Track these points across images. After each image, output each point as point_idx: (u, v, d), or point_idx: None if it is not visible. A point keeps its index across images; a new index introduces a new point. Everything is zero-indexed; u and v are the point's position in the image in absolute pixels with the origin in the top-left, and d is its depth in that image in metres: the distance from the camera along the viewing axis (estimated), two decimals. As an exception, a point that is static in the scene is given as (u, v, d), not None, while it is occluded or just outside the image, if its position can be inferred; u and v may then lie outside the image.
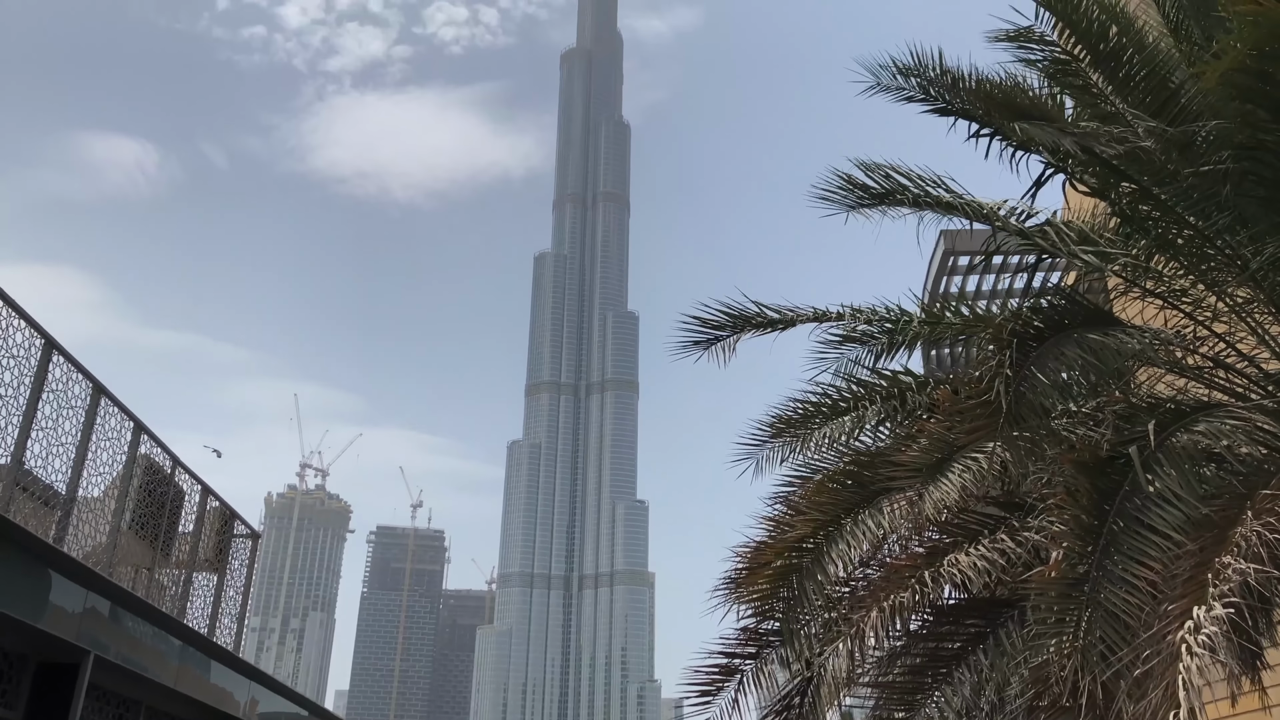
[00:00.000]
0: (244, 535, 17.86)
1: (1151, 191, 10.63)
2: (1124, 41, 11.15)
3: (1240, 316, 10.89)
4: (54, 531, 11.68)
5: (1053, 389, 8.72)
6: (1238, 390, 10.71)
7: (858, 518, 10.40)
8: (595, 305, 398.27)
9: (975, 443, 9.42)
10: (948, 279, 46.91)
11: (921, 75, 11.55)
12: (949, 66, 11.49)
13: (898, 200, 11.36)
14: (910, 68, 11.55)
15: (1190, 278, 11.20)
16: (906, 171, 11.39)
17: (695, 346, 13.11)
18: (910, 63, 11.52)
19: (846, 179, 11.44)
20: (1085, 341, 8.93)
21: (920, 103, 11.66)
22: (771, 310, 13.02)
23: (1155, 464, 8.38)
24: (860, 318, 12.95)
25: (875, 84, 11.79)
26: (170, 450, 14.87)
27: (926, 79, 11.54)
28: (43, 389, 11.38)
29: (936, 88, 11.53)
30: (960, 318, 12.62)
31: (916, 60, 11.53)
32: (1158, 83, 11.00)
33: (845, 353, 13.46)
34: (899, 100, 11.78)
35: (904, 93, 11.60)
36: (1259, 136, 9.09)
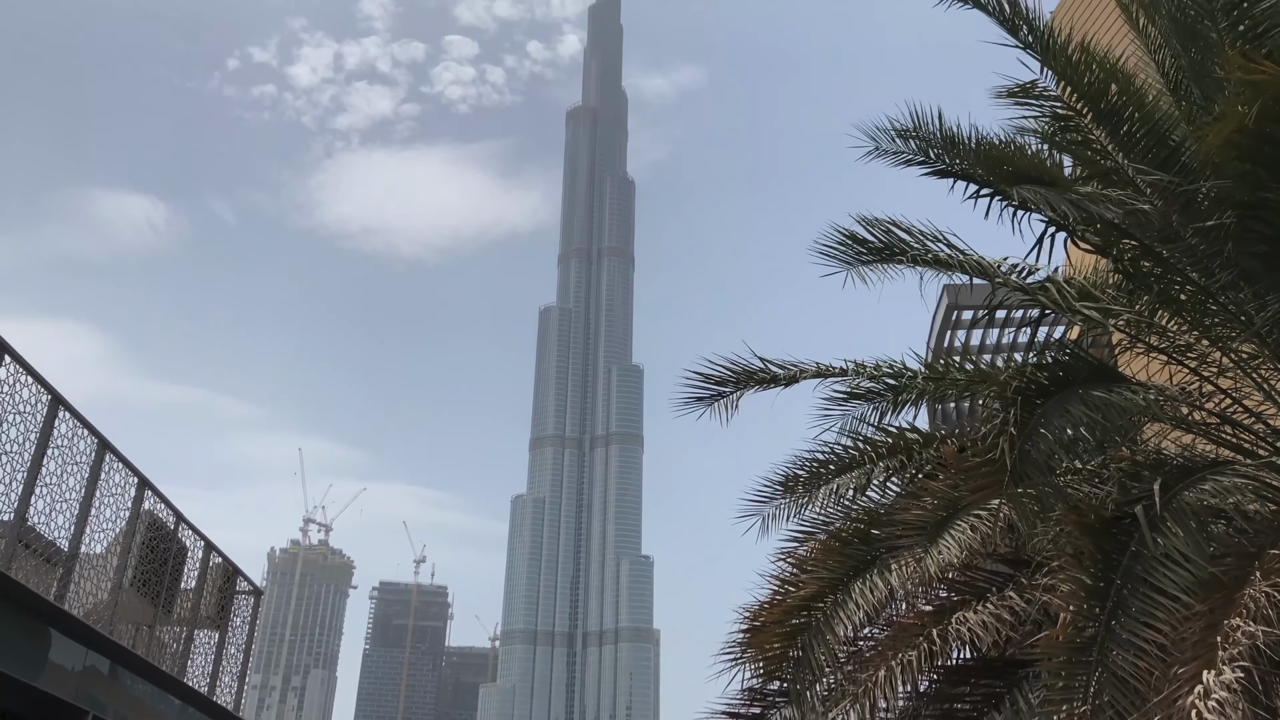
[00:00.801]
0: (246, 592, 17.73)
1: (1153, 249, 10.69)
2: (1124, 100, 11.29)
3: (1246, 372, 10.88)
4: (55, 589, 11.62)
5: (1058, 446, 8.69)
6: (1245, 446, 10.66)
7: (865, 577, 10.30)
8: (600, 359, 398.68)
9: (980, 500, 9.37)
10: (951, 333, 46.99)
11: (920, 137, 11.69)
12: (948, 127, 11.64)
13: (898, 257, 11.42)
14: (909, 130, 11.69)
15: (1194, 333, 11.22)
16: (908, 227, 11.47)
17: (698, 403, 13.11)
18: (909, 125, 11.67)
19: (847, 235, 11.52)
20: (1090, 398, 8.91)
21: (919, 165, 11.79)
22: (775, 366, 13.03)
23: (1161, 523, 8.31)
24: (864, 373, 12.95)
25: (875, 148, 11.95)
26: (174, 506, 14.84)
27: (925, 141, 11.68)
28: (48, 445, 11.40)
29: (936, 149, 11.67)
30: (964, 374, 12.61)
31: (916, 122, 11.68)
32: (1158, 140, 11.12)
33: (850, 409, 13.45)
34: (898, 164, 11.92)
35: (903, 156, 11.74)
36: (1260, 195, 9.16)
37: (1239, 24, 10.70)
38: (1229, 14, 10.72)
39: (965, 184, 11.46)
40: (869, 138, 11.93)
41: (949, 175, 11.60)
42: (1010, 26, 11.60)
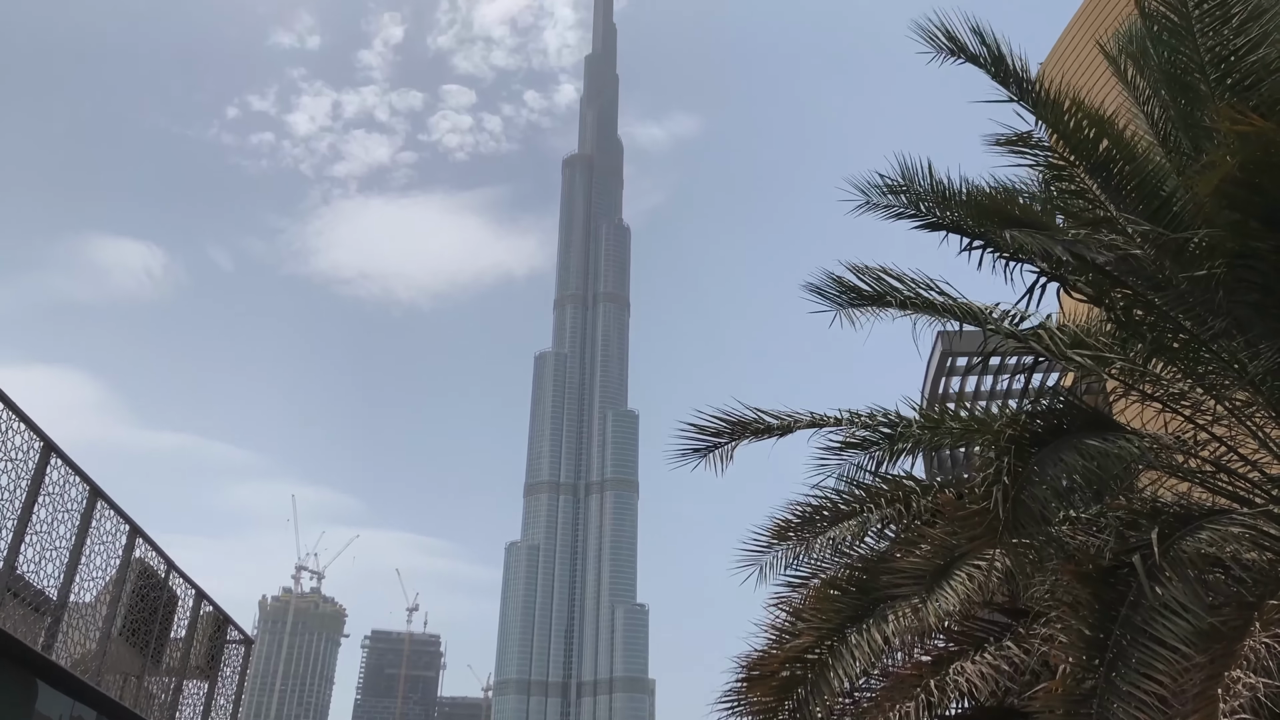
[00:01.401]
0: (237, 641, 17.52)
1: (1146, 297, 10.74)
2: (1115, 151, 11.40)
3: (1240, 420, 10.89)
4: (43, 639, 11.47)
5: (1053, 496, 8.67)
6: (1241, 495, 10.64)
7: (862, 627, 10.22)
8: (595, 404, 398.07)
9: (977, 549, 9.33)
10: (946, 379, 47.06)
11: (911, 191, 11.78)
12: (939, 178, 11.75)
13: (889, 302, 11.49)
14: (898, 184, 11.79)
15: (1188, 381, 11.24)
16: (899, 275, 11.55)
17: (693, 454, 13.09)
18: (899, 179, 11.78)
19: (839, 281, 11.60)
20: (1084, 447, 8.91)
21: (910, 218, 11.89)
22: (769, 416, 13.04)
23: (1159, 573, 8.26)
24: (859, 423, 12.95)
25: (865, 202, 12.06)
26: (165, 554, 14.70)
27: (916, 194, 11.78)
28: (39, 492, 11.32)
29: (926, 202, 11.77)
30: (959, 422, 12.61)
31: (906, 175, 11.79)
32: (1149, 191, 11.22)
33: (847, 457, 13.43)
34: (889, 218, 12.02)
35: (894, 210, 11.86)
36: (1251, 244, 9.24)
37: (1228, 76, 10.86)
38: (1218, 66, 10.89)
39: (957, 237, 11.55)
40: (859, 191, 12.07)
41: (940, 228, 11.70)
42: (1001, 80, 11.75)
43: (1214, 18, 11.06)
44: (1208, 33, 11.05)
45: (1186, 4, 11.18)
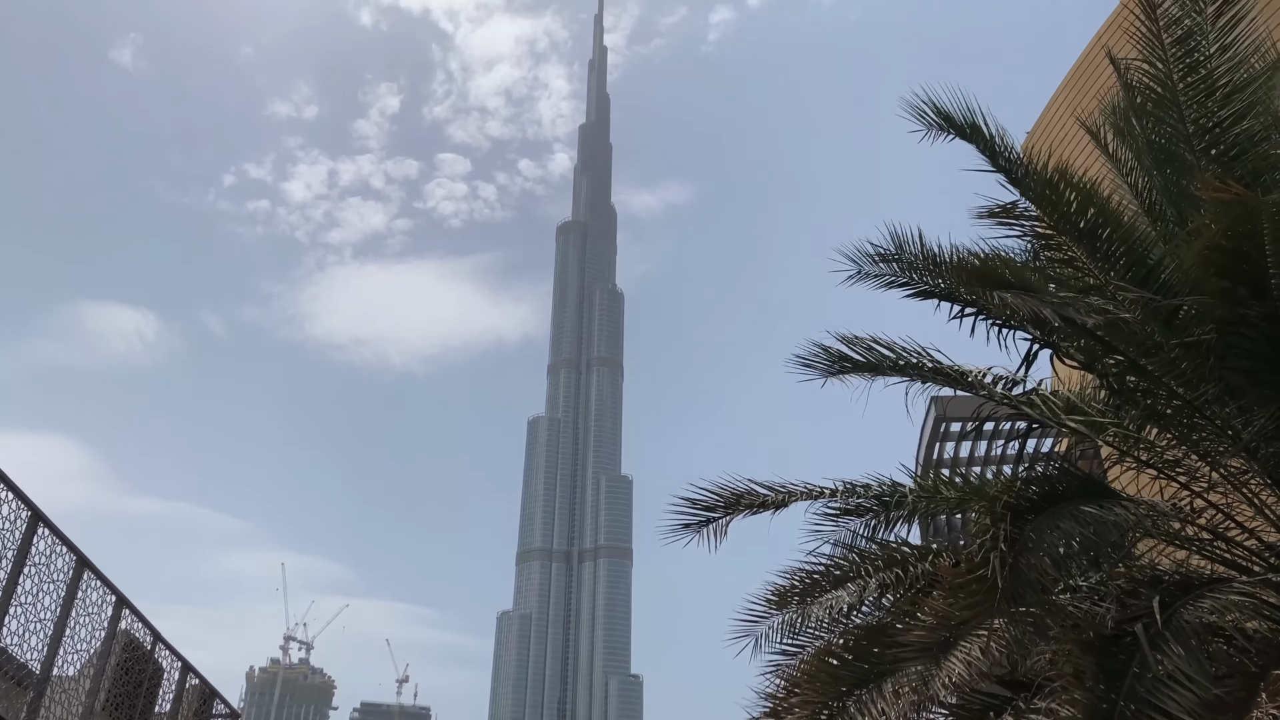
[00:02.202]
0: (223, 715, 17.15)
1: (1138, 363, 10.78)
2: (1101, 220, 11.54)
3: (1236, 487, 10.86)
4: (24, 714, 11.22)
5: (1050, 564, 8.60)
6: (1240, 563, 10.57)
7: (859, 698, 10.05)
8: (589, 469, 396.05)
9: (977, 619, 9.21)
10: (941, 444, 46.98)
11: (902, 259, 11.90)
12: (929, 247, 11.87)
13: (881, 369, 11.52)
14: (890, 253, 11.91)
15: (1183, 448, 11.23)
16: (890, 344, 11.58)
17: (686, 530, 12.94)
18: (890, 247, 11.90)
19: (829, 351, 11.63)
20: (1081, 514, 8.86)
21: (902, 287, 11.99)
22: (763, 488, 12.96)
23: (1163, 642, 8.16)
24: (854, 493, 12.89)
25: (857, 272, 12.17)
26: (151, 625, 14.46)
27: (907, 262, 11.89)
28: (25, 563, 11.16)
29: (918, 271, 11.87)
30: (954, 489, 12.56)
31: (897, 244, 11.91)
32: (1137, 258, 11.33)
33: (843, 525, 13.34)
34: (881, 287, 12.13)
35: (885, 279, 11.97)
36: (1240, 311, 9.30)
37: (1213, 147, 11.06)
38: (1203, 137, 11.09)
39: (949, 305, 11.64)
40: (851, 261, 12.19)
41: (932, 296, 11.80)
42: (988, 153, 11.94)
43: (1199, 90, 11.30)
44: (1192, 104, 11.28)
45: (1171, 77, 11.43)
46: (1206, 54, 11.50)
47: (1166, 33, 11.61)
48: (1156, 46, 11.65)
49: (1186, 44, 11.58)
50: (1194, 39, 11.58)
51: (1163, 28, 11.63)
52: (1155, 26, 11.63)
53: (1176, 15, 11.66)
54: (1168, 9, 11.70)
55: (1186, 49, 11.57)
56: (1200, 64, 11.49)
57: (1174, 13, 11.67)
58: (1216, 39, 11.49)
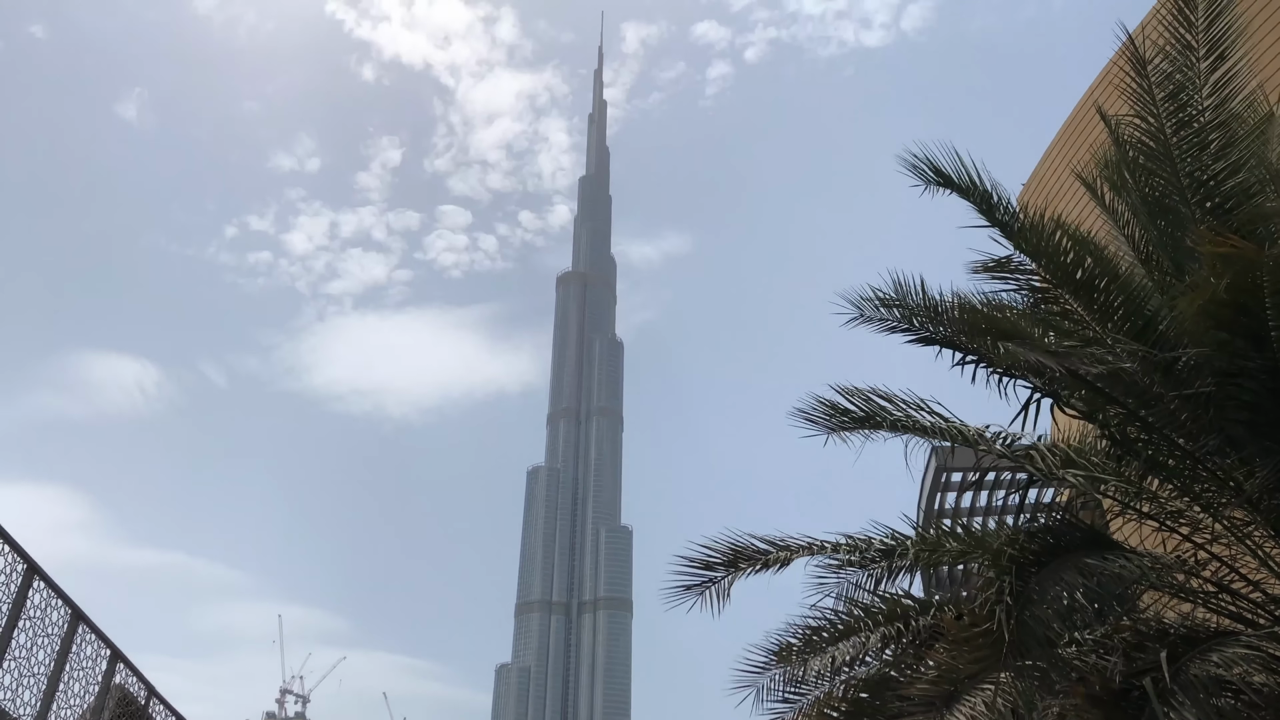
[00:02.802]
0: (216, 772, 16.88)
1: (1139, 415, 10.77)
2: (1098, 271, 11.59)
3: (1239, 538, 10.79)
4: (15, 771, 11.04)
5: (1056, 617, 8.52)
6: (1246, 616, 10.47)
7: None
8: (588, 520, 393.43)
9: (983, 673, 9.11)
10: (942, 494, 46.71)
11: (904, 305, 11.96)
12: (931, 294, 11.94)
13: (879, 424, 11.51)
14: (892, 299, 11.97)
15: (1185, 499, 11.18)
16: (889, 395, 11.58)
17: (687, 591, 12.79)
18: (892, 293, 11.97)
19: (829, 405, 11.63)
20: (1085, 567, 8.81)
21: (904, 333, 12.04)
22: (765, 544, 12.86)
23: (1171, 697, 8.07)
24: (856, 546, 12.81)
25: (859, 315, 12.23)
26: (145, 679, 14.31)
27: (909, 308, 11.94)
28: (20, 616, 11.07)
29: (919, 317, 11.92)
30: (957, 540, 12.48)
31: (898, 290, 11.98)
32: (1134, 310, 11.37)
33: (845, 577, 13.24)
34: (883, 331, 12.17)
35: (887, 323, 12.01)
36: (1239, 363, 9.32)
37: (1208, 200, 11.16)
38: (1197, 190, 11.19)
39: (950, 351, 11.67)
40: (853, 305, 12.25)
41: (933, 342, 11.83)
42: (985, 207, 12.05)
43: (1191, 144, 11.43)
44: (1186, 158, 11.39)
45: (1164, 131, 11.56)
46: (1198, 109, 11.65)
47: (1158, 88, 11.76)
48: (1149, 102, 11.80)
49: (1178, 99, 11.74)
50: (1185, 94, 11.73)
51: (1154, 84, 11.78)
52: (1147, 83, 11.79)
53: (1168, 71, 11.82)
54: (1159, 65, 11.86)
55: (1178, 104, 11.72)
56: (1192, 119, 11.63)
57: (1165, 69, 11.83)
58: (1209, 94, 11.64)
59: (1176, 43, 11.86)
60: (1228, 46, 11.73)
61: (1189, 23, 11.80)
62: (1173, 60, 11.84)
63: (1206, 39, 11.75)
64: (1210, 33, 11.76)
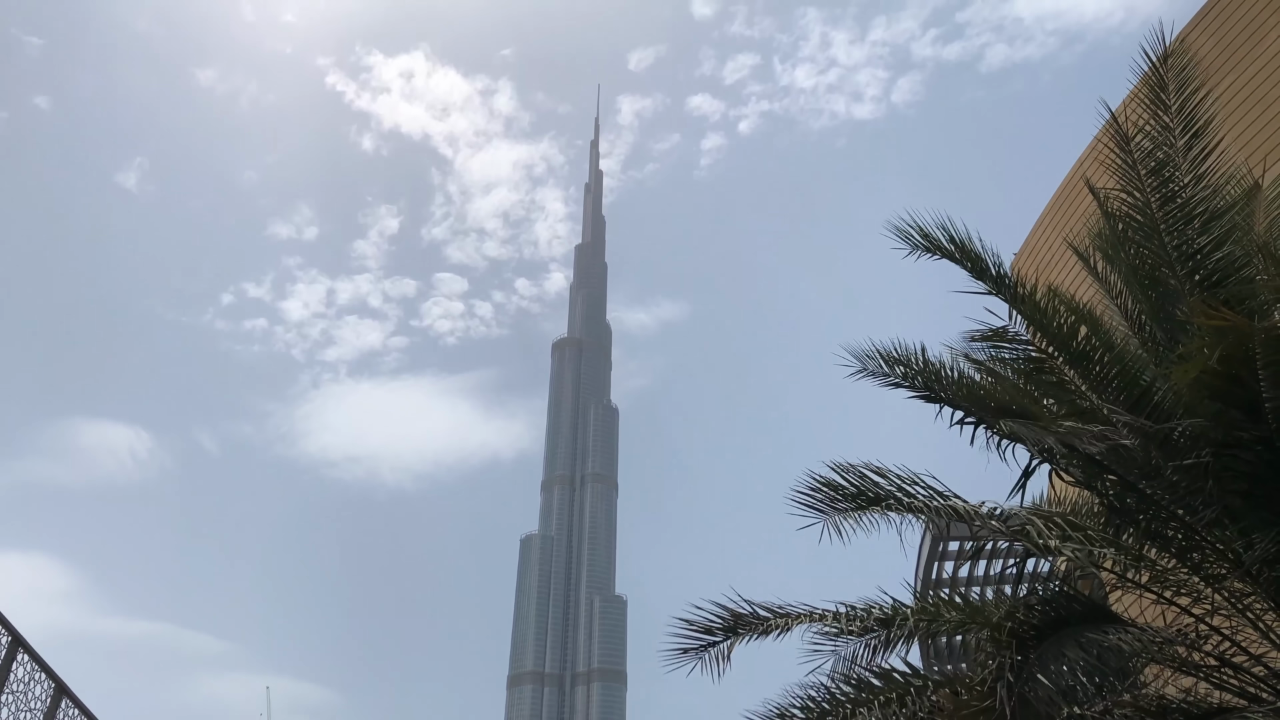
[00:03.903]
0: None
1: (1136, 486, 10.74)
2: (1094, 342, 11.65)
3: (1239, 610, 10.69)
4: None
5: (1056, 693, 8.40)
6: (1249, 691, 10.33)
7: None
8: (582, 589, 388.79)
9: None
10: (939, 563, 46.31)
11: (906, 365, 12.10)
12: (931, 361, 12.04)
13: (875, 504, 11.46)
14: (895, 357, 12.14)
15: (1185, 570, 11.10)
16: (884, 471, 11.52)
17: (686, 654, 12.62)
18: (895, 354, 12.13)
19: (823, 482, 11.59)
20: (1085, 641, 8.71)
21: (907, 389, 12.15)
22: (765, 611, 12.74)
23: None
24: (855, 615, 12.68)
25: (862, 369, 12.36)
26: (130, 756, 14.00)
27: (911, 369, 12.07)
28: (2, 690, 10.87)
29: (921, 378, 12.03)
30: (956, 610, 12.36)
31: (900, 353, 12.13)
32: (1130, 380, 11.40)
33: (841, 647, 13.08)
34: (886, 385, 12.31)
35: (890, 379, 12.12)
36: (1235, 434, 9.33)
37: (1195, 273, 11.27)
38: (1186, 263, 11.31)
39: (951, 410, 11.73)
40: (857, 359, 12.41)
41: (935, 401, 11.91)
42: (978, 274, 12.18)
43: (1177, 218, 11.59)
44: (1172, 232, 11.54)
45: (1150, 205, 11.73)
46: (1181, 184, 11.86)
47: (1141, 164, 11.99)
48: (1134, 177, 12.01)
49: (1161, 174, 11.96)
50: (1168, 170, 11.96)
51: (1138, 160, 12.01)
52: (1131, 159, 12.02)
53: (1149, 148, 12.06)
54: (1140, 143, 12.10)
55: (1162, 179, 11.93)
56: (1176, 193, 11.83)
57: (1146, 146, 12.07)
58: (1189, 170, 11.87)
59: (1154, 122, 12.14)
60: (1201, 125, 12.01)
61: (1163, 104, 12.09)
62: (1153, 139, 12.10)
63: (1180, 119, 12.04)
64: (1183, 113, 12.05)
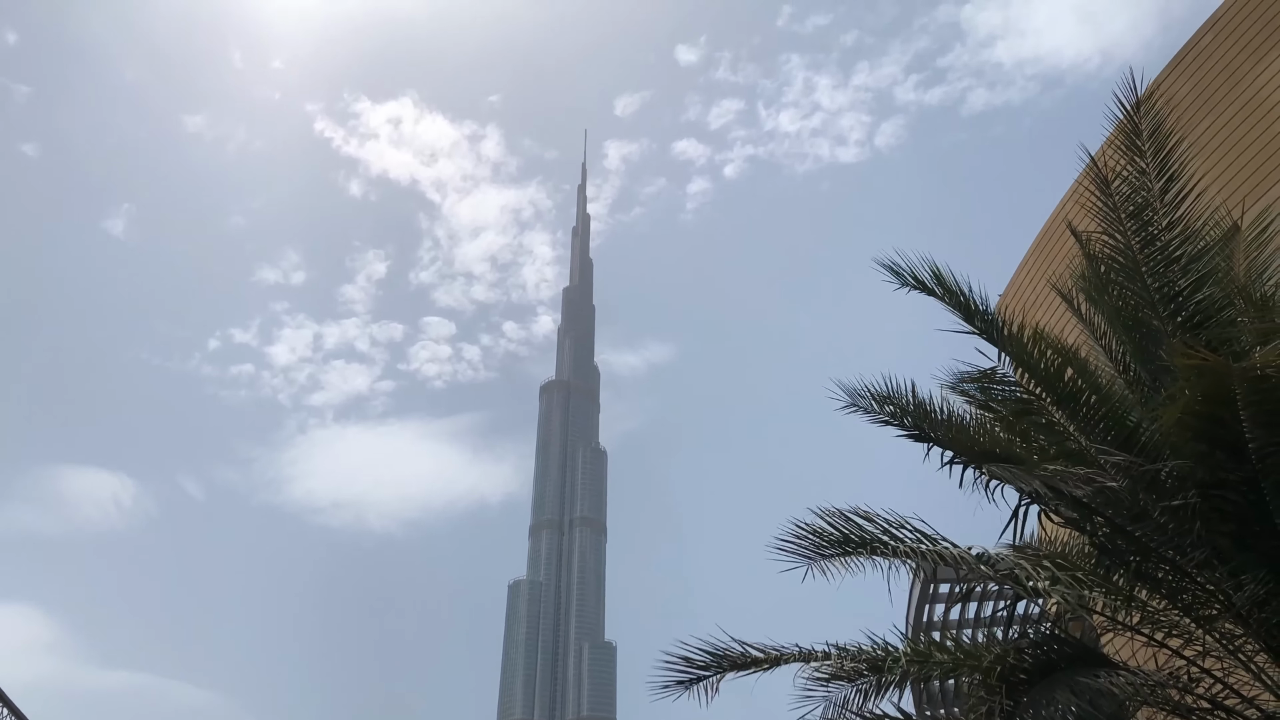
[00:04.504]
0: None
1: (1124, 528, 10.76)
2: (1080, 383, 11.71)
3: (1231, 652, 10.68)
4: None
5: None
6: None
7: None
8: (571, 635, 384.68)
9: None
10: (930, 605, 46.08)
11: (896, 403, 12.18)
12: (921, 401, 12.13)
13: (861, 548, 11.47)
14: (885, 395, 12.22)
15: (1176, 611, 11.09)
16: (871, 515, 11.51)
17: (676, 686, 12.72)
18: (885, 391, 12.22)
19: (808, 529, 11.60)
20: (1077, 685, 8.68)
21: (896, 427, 12.22)
22: (755, 649, 12.72)
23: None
24: (846, 657, 12.63)
25: (852, 405, 12.44)
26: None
27: (900, 407, 12.15)
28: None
29: (911, 416, 12.10)
30: (947, 654, 12.31)
31: (891, 390, 12.22)
32: (1117, 421, 11.46)
33: (833, 691, 13.02)
34: (876, 422, 12.38)
35: (879, 416, 12.20)
36: (1220, 475, 9.37)
37: (1178, 314, 11.39)
38: (1167, 305, 11.44)
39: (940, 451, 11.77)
40: (847, 394, 12.51)
41: (924, 440, 11.97)
42: (966, 315, 12.29)
43: (1158, 260, 11.74)
44: (1154, 274, 11.68)
45: (1131, 247, 11.88)
46: (1160, 227, 12.03)
47: (1122, 208, 12.16)
48: (1115, 220, 12.17)
49: (1141, 218, 12.13)
50: (1147, 213, 12.14)
51: (1118, 203, 12.18)
52: (1111, 202, 12.19)
53: (1128, 192, 12.26)
54: (1120, 187, 12.29)
55: (1142, 222, 12.10)
56: (1156, 236, 11.99)
57: (1125, 190, 12.26)
58: (1166, 214, 12.07)
59: (1131, 167, 12.35)
60: (1176, 170, 12.22)
61: (1138, 150, 12.31)
62: (1131, 183, 12.29)
63: (1155, 164, 12.26)
64: (1158, 158, 12.27)
